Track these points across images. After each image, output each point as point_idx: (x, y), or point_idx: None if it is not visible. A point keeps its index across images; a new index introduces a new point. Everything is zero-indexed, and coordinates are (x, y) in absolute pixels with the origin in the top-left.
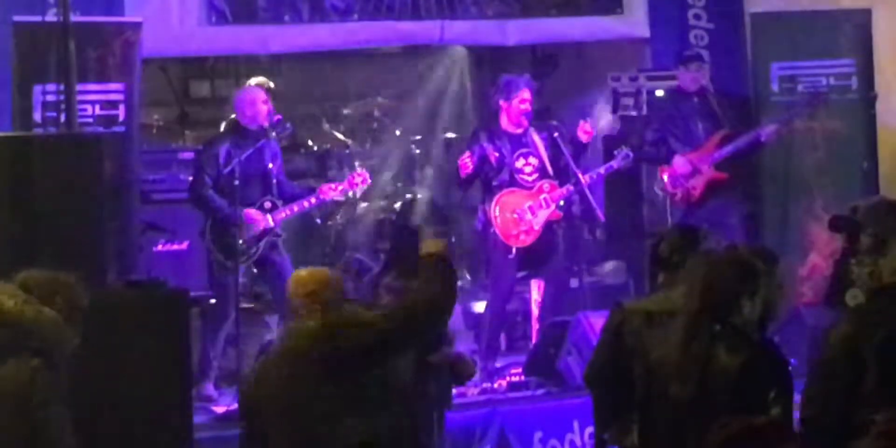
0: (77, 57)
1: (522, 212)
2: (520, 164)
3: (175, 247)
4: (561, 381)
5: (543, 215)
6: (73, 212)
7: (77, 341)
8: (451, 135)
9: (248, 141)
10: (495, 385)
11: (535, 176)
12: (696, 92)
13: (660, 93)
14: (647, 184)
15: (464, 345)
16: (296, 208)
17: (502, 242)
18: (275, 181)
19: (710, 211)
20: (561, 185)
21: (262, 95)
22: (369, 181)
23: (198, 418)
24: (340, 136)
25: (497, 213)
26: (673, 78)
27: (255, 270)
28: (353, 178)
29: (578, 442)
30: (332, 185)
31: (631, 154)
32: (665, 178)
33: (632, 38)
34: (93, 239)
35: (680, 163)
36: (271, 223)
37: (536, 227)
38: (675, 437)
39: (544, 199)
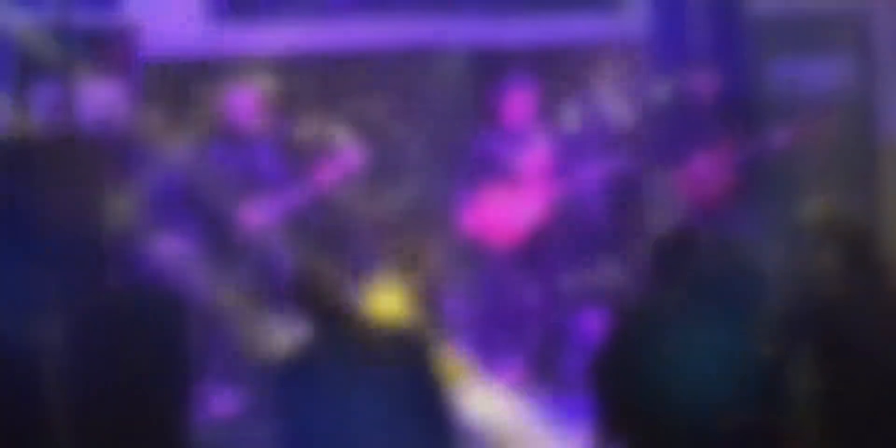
0: (77, 57)
1: (508, 210)
2: (518, 161)
3: (175, 247)
4: (561, 381)
5: (530, 215)
6: (73, 212)
7: None
8: (450, 135)
9: (240, 141)
10: (494, 385)
11: (531, 174)
12: (702, 93)
13: (662, 94)
14: (649, 184)
15: (462, 344)
16: (287, 199)
17: (488, 240)
18: (273, 180)
19: (717, 214)
20: (557, 185)
21: (247, 95)
22: (362, 157)
23: (198, 418)
24: (340, 137)
25: (482, 211)
26: (673, 79)
27: (254, 270)
28: (345, 154)
29: (578, 442)
30: (325, 168)
31: (631, 158)
32: (675, 179)
33: (631, 39)
34: (93, 239)
35: (695, 164)
36: (262, 220)
37: (522, 226)
38: (673, 434)
39: (531, 198)
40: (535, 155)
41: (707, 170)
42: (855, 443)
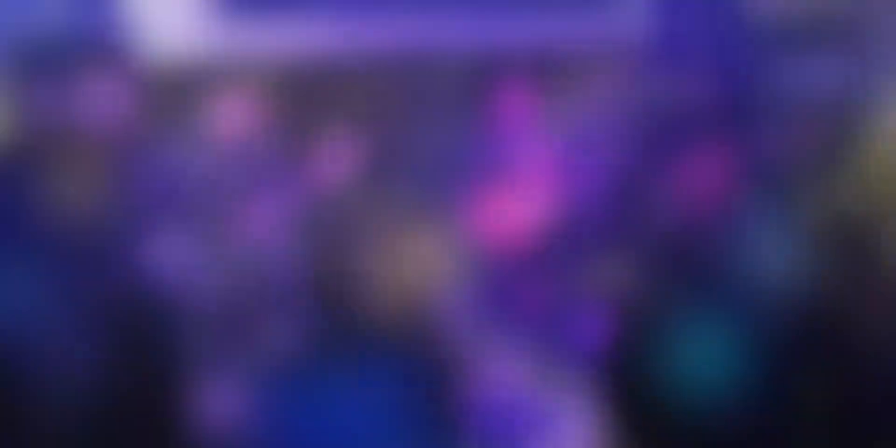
0: (77, 57)
1: (507, 211)
2: (518, 161)
3: (175, 248)
4: (562, 381)
5: (530, 215)
6: (71, 214)
7: None
8: (450, 135)
9: (240, 141)
10: (495, 385)
11: (530, 174)
12: (701, 93)
13: (661, 94)
14: (650, 183)
15: (462, 344)
16: (287, 199)
17: (488, 240)
18: (274, 181)
19: (716, 215)
20: (557, 185)
21: (248, 96)
22: (362, 157)
23: (198, 418)
24: (339, 139)
25: (481, 211)
26: (672, 79)
27: (256, 270)
28: (344, 155)
29: (579, 442)
30: (324, 168)
31: (631, 158)
32: (674, 179)
33: (630, 39)
34: (91, 240)
35: (695, 164)
36: (263, 220)
37: (522, 227)
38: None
39: (531, 198)
40: (534, 155)
41: (707, 170)
42: (856, 443)
